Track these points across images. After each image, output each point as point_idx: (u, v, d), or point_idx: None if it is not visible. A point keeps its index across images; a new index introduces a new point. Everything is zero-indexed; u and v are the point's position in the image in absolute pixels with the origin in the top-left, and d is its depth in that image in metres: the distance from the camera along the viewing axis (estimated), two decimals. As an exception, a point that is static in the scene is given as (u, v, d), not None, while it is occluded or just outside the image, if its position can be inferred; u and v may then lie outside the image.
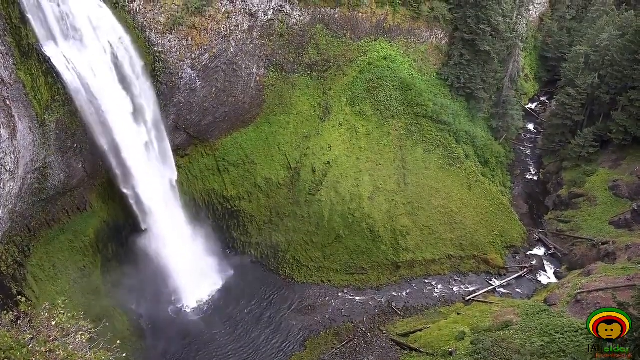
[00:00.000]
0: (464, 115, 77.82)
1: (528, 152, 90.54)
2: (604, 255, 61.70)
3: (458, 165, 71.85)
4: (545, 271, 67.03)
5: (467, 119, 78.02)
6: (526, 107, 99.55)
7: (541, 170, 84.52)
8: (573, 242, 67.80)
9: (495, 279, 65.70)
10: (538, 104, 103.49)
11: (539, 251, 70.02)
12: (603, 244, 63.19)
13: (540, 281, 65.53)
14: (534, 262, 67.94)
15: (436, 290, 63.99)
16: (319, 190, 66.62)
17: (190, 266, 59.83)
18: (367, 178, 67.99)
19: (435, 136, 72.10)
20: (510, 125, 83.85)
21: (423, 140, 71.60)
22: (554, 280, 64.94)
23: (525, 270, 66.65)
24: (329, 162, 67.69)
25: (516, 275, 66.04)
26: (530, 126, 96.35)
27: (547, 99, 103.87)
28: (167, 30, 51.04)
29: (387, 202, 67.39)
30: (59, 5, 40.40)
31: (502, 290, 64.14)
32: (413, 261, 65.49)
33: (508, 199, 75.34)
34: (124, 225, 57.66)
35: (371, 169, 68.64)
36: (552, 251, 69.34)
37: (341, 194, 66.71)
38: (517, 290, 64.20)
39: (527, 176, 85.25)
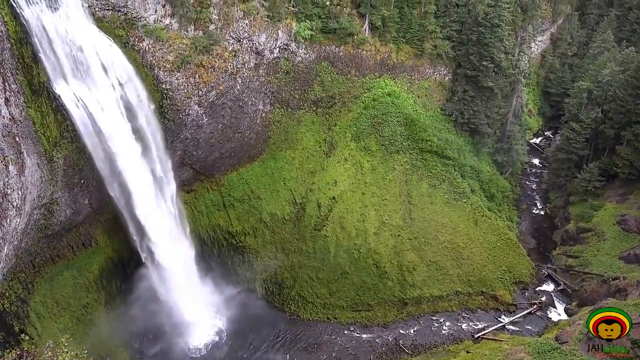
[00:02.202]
0: (469, 150, 78.08)
1: (534, 186, 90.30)
2: (614, 291, 60.53)
3: (464, 200, 71.59)
4: (555, 307, 65.75)
5: (471, 153, 78.24)
6: (531, 141, 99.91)
7: (548, 204, 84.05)
8: (583, 277, 66.73)
9: (505, 315, 64.43)
10: (542, 139, 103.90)
11: (548, 287, 68.87)
12: (613, 279, 62.11)
13: (550, 318, 64.20)
14: (543, 299, 66.73)
15: (444, 327, 62.73)
16: (324, 226, 66.33)
17: (194, 304, 59.16)
18: (372, 213, 67.74)
19: (440, 171, 72.13)
20: (515, 160, 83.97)
21: (428, 175, 71.62)
22: (564, 317, 63.59)
23: (535, 306, 65.41)
24: (334, 198, 67.64)
25: (526, 311, 64.77)
26: (536, 161, 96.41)
27: (551, 134, 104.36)
28: (175, 68, 52.07)
29: (393, 237, 66.91)
30: (70, 45, 41.39)
31: (511, 327, 62.81)
32: (420, 297, 64.48)
33: (515, 234, 74.66)
34: (128, 262, 57.36)
35: (377, 204, 68.46)
36: (561, 287, 68.19)
37: (347, 229, 66.36)
38: (527, 327, 62.85)
39: (534, 211, 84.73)
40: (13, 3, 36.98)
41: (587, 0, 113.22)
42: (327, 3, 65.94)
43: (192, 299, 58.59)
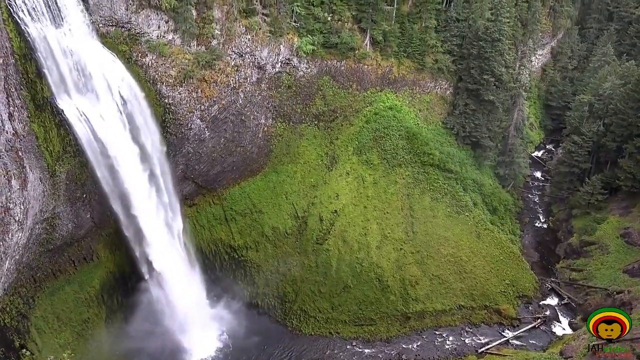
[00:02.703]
0: (470, 163, 78.09)
1: (536, 199, 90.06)
2: (619, 304, 59.96)
3: (466, 214, 71.41)
4: (559, 322, 65.16)
5: (473, 167, 78.23)
6: (532, 154, 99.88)
7: (550, 217, 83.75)
8: (587, 291, 66.21)
9: (509, 330, 63.85)
10: (544, 152, 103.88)
11: (552, 301, 68.34)
12: (618, 293, 61.60)
13: (554, 332, 63.58)
14: (547, 313, 66.18)
15: (447, 342, 62.13)
16: (326, 240, 66.15)
17: (196, 319, 58.75)
18: (374, 227, 67.56)
19: (442, 184, 72.07)
20: (517, 173, 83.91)
21: (430, 189, 71.53)
22: (569, 331, 62.98)
23: (539, 321, 64.83)
24: (336, 211, 67.55)
25: (530, 326, 64.17)
26: (538, 174, 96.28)
27: (553, 147, 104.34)
28: (177, 83, 52.45)
29: (395, 251, 66.64)
30: (74, 61, 41.77)
31: (515, 342, 62.17)
32: (423, 312, 63.98)
33: (518, 247, 74.30)
34: (129, 276, 57.16)
35: (379, 217, 68.32)
36: (565, 301, 67.66)
37: (349, 243, 66.16)
38: (532, 341, 62.19)
39: (537, 224, 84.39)
40: (18, 19, 37.43)
41: (586, 15, 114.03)
42: (329, 18, 66.55)
43: (193, 314, 58.20)
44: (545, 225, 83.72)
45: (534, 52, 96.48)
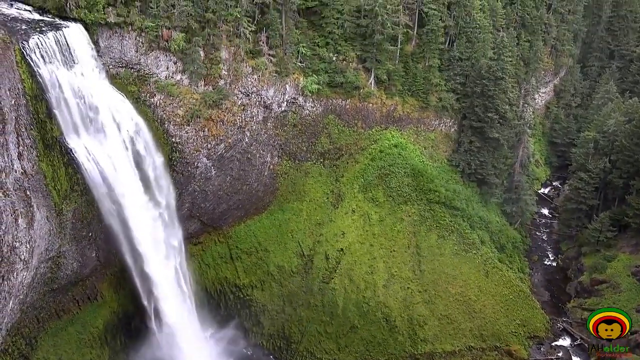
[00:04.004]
0: (477, 200, 77.76)
1: (544, 237, 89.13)
2: (634, 345, 58.38)
3: (474, 252, 70.59)
4: (573, 364, 63.47)
5: (480, 204, 77.86)
6: (539, 191, 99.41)
7: (559, 255, 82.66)
8: (600, 331, 64.57)
9: (521, 372, 62.14)
10: (551, 189, 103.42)
11: (565, 342, 66.64)
12: (632, 333, 60.00)
13: (568, 375, 61.86)
14: (560, 354, 64.47)
15: (458, 385, 60.45)
16: (332, 278, 65.39)
17: None
18: (381, 265, 66.83)
19: (449, 222, 71.55)
20: (524, 210, 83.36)
21: (437, 226, 71.00)
22: (583, 373, 61.27)
23: (552, 362, 63.23)
24: (342, 249, 67.03)
25: (542, 368, 62.56)
26: (545, 211, 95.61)
27: (559, 184, 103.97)
28: (184, 122, 53.20)
29: (402, 290, 65.65)
30: (84, 101, 42.57)
31: (528, 385, 60.46)
32: (432, 353, 62.46)
33: (528, 286, 73.01)
34: (133, 316, 56.44)
35: (385, 255, 67.65)
36: (578, 341, 65.94)
37: (355, 281, 65.33)
38: (545, 384, 60.48)
39: (546, 262, 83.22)
40: (31, 62, 38.39)
41: (588, 53, 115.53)
42: (334, 58, 67.81)
43: (198, 355, 57.05)
44: (554, 263, 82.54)
45: (537, 90, 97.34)
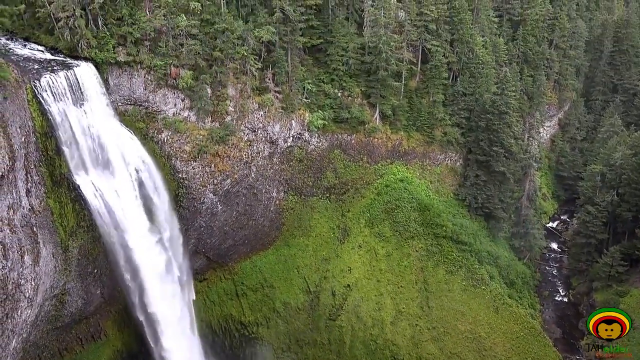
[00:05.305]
0: (484, 235, 77.00)
1: (554, 272, 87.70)
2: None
3: (483, 287, 69.40)
4: (588, 404, 61.35)
5: (487, 238, 77.05)
6: (547, 225, 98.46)
7: (570, 291, 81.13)
8: (615, 370, 62.72)
9: (534, 413, 60.08)
10: (559, 223, 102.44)
11: (579, 380, 64.75)
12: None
13: (584, 415, 59.69)
14: (575, 394, 62.49)
15: None
16: (339, 315, 64.29)
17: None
18: (388, 301, 65.74)
19: (456, 257, 70.67)
20: (532, 245, 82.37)
21: (444, 262, 70.11)
22: (599, 414, 59.02)
23: (567, 402, 61.13)
24: (349, 285, 66.12)
25: (557, 408, 60.44)
26: (554, 245, 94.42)
27: (567, 217, 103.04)
28: (191, 158, 53.52)
29: (410, 327, 64.34)
30: (92, 138, 43.02)
31: None
32: (442, 393, 60.76)
33: (539, 323, 71.40)
34: (137, 356, 55.43)
35: (392, 291, 66.63)
36: (593, 380, 63.99)
37: (362, 318, 64.17)
38: None
39: (557, 297, 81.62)
40: (42, 100, 39.03)
41: (591, 87, 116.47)
42: (339, 94, 68.65)
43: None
44: (565, 299, 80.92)
45: (542, 124, 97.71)
